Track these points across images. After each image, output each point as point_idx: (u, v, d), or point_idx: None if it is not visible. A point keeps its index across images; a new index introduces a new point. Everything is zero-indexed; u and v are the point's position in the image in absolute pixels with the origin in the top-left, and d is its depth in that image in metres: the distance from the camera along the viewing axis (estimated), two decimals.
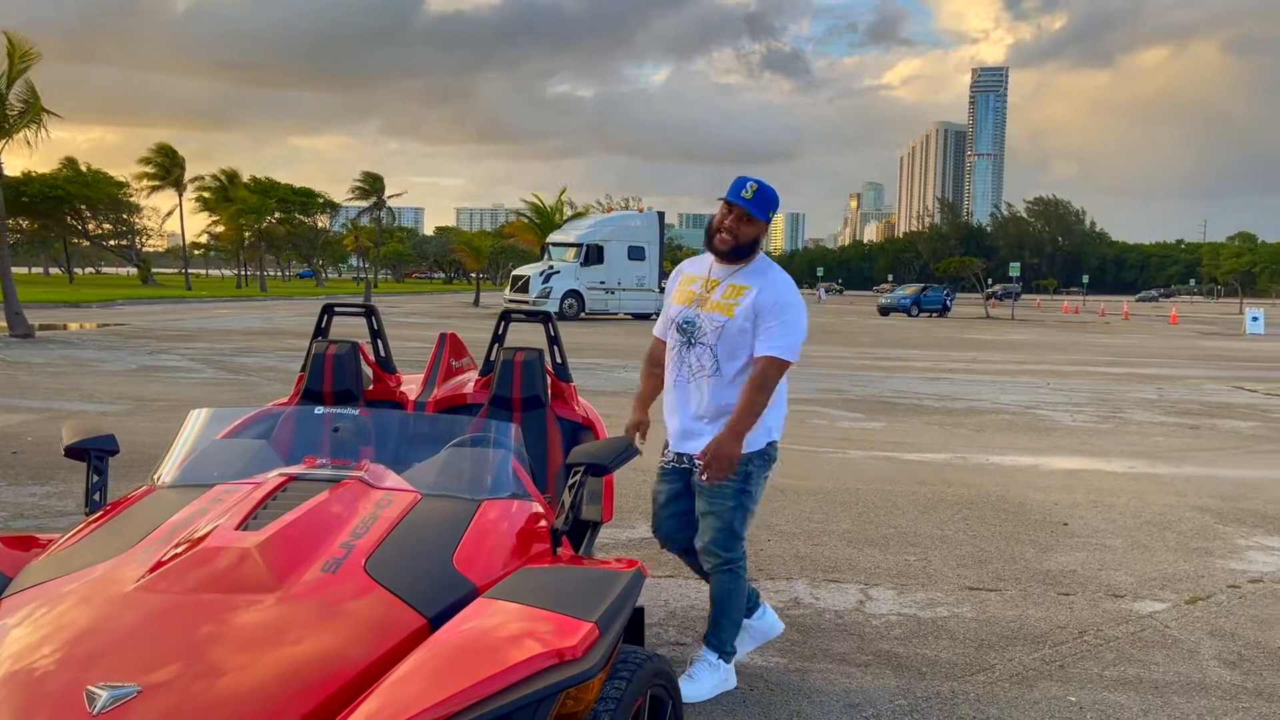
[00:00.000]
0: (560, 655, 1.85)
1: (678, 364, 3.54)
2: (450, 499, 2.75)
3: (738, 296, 3.43)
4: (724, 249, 3.44)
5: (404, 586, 2.25)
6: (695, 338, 3.47)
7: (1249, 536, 6.11)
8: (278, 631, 2.02)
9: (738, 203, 3.40)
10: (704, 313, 3.45)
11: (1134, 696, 3.65)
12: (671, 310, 3.58)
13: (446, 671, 1.84)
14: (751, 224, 3.42)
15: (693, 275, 3.58)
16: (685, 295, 3.55)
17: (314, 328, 4.31)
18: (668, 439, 3.64)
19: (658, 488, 3.68)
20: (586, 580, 2.25)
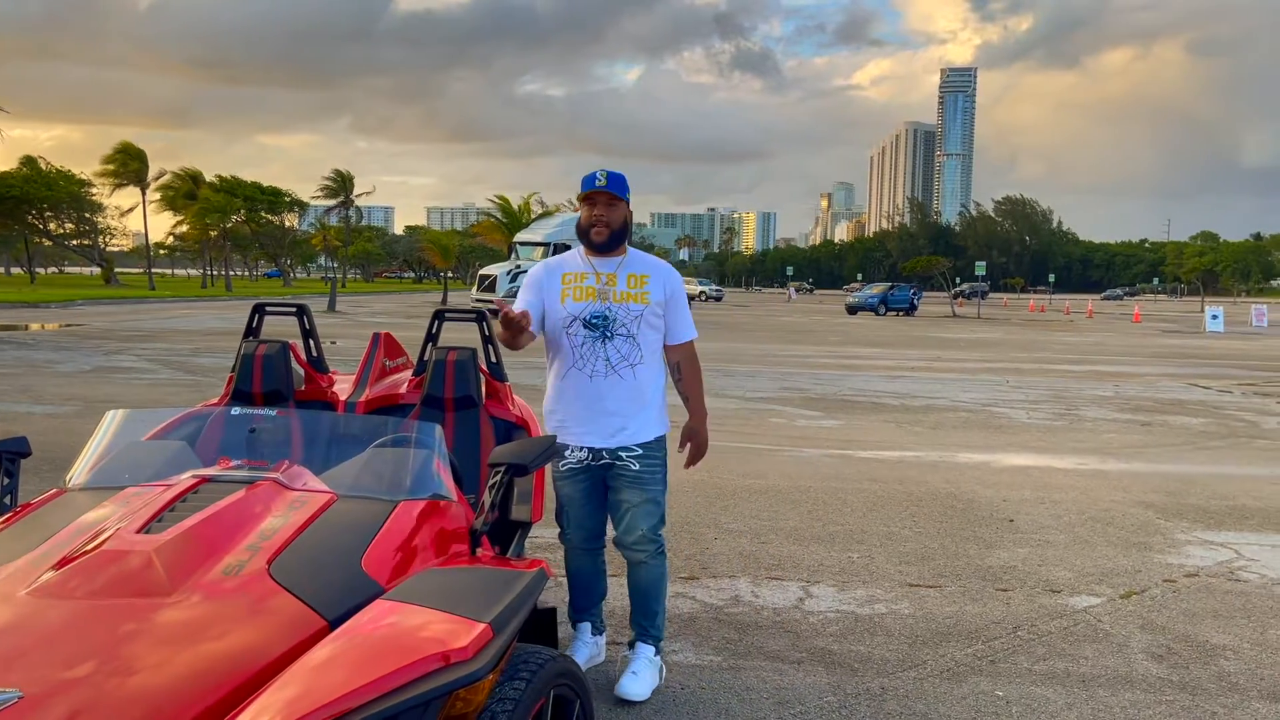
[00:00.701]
0: (445, 658, 1.84)
1: (590, 359, 3.52)
2: (366, 500, 2.73)
3: (642, 286, 3.56)
4: (603, 239, 3.51)
5: (307, 589, 2.22)
6: (613, 330, 3.51)
7: (1189, 531, 6.19)
8: (169, 637, 1.99)
9: (598, 190, 3.47)
10: (616, 305, 3.51)
11: (1060, 690, 3.69)
12: (568, 309, 3.51)
13: (328, 675, 1.82)
14: (617, 206, 3.51)
15: (579, 273, 3.56)
16: (584, 292, 3.53)
17: (245, 327, 4.27)
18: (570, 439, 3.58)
19: (569, 490, 3.63)
20: (486, 581, 2.24)
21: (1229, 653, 4.11)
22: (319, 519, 2.56)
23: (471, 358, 3.95)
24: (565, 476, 3.62)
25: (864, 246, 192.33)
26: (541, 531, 5.69)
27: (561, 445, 3.55)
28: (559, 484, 3.66)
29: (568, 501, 3.66)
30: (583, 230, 3.56)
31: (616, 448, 3.55)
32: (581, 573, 3.77)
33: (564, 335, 3.53)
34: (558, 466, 3.61)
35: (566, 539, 3.73)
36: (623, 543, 3.63)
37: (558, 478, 3.64)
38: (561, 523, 3.72)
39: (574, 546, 3.72)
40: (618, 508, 3.60)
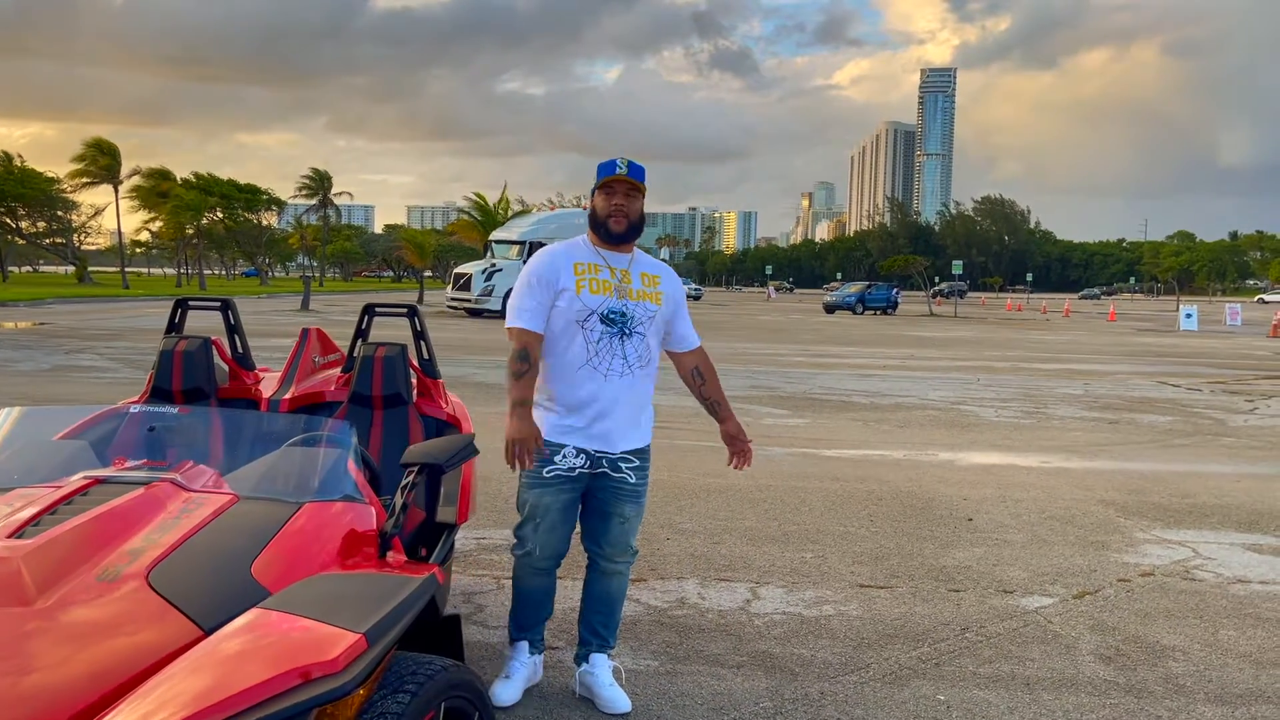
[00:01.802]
0: (306, 675, 1.71)
1: (607, 357, 3.26)
2: (268, 502, 2.60)
3: (656, 285, 3.39)
4: (622, 230, 3.30)
5: (186, 597, 2.10)
6: (630, 328, 3.29)
7: (1148, 530, 6.13)
8: (23, 648, 1.86)
9: (621, 177, 3.27)
10: (632, 302, 3.29)
11: (1003, 694, 3.60)
12: (585, 301, 3.24)
13: (181, 690, 1.70)
14: (636, 197, 3.32)
15: (592, 264, 3.30)
16: (599, 285, 3.29)
17: (167, 323, 4.13)
18: (570, 440, 3.27)
19: (550, 501, 3.29)
20: (371, 588, 2.12)
21: (1178, 654, 4.03)
22: (213, 522, 2.43)
23: (401, 354, 3.82)
24: (549, 485, 3.28)
25: (844, 246, 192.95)
26: (488, 532, 5.58)
27: (550, 448, 3.24)
28: (536, 493, 3.29)
29: (543, 514, 3.31)
30: (599, 220, 3.31)
31: (619, 456, 3.32)
32: (535, 591, 3.46)
33: (578, 330, 3.24)
34: (540, 473, 3.26)
35: (528, 555, 3.38)
36: (604, 555, 3.42)
37: (536, 485, 3.28)
38: (525, 536, 3.36)
39: (535, 565, 3.39)
40: (608, 521, 3.37)
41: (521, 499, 3.34)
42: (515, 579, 3.48)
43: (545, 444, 3.23)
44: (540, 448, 3.15)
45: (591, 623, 3.51)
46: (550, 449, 3.26)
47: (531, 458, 3.12)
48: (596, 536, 3.43)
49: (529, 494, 3.31)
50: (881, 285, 50.70)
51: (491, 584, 4.73)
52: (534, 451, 3.12)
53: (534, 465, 3.20)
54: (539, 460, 3.24)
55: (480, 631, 4.09)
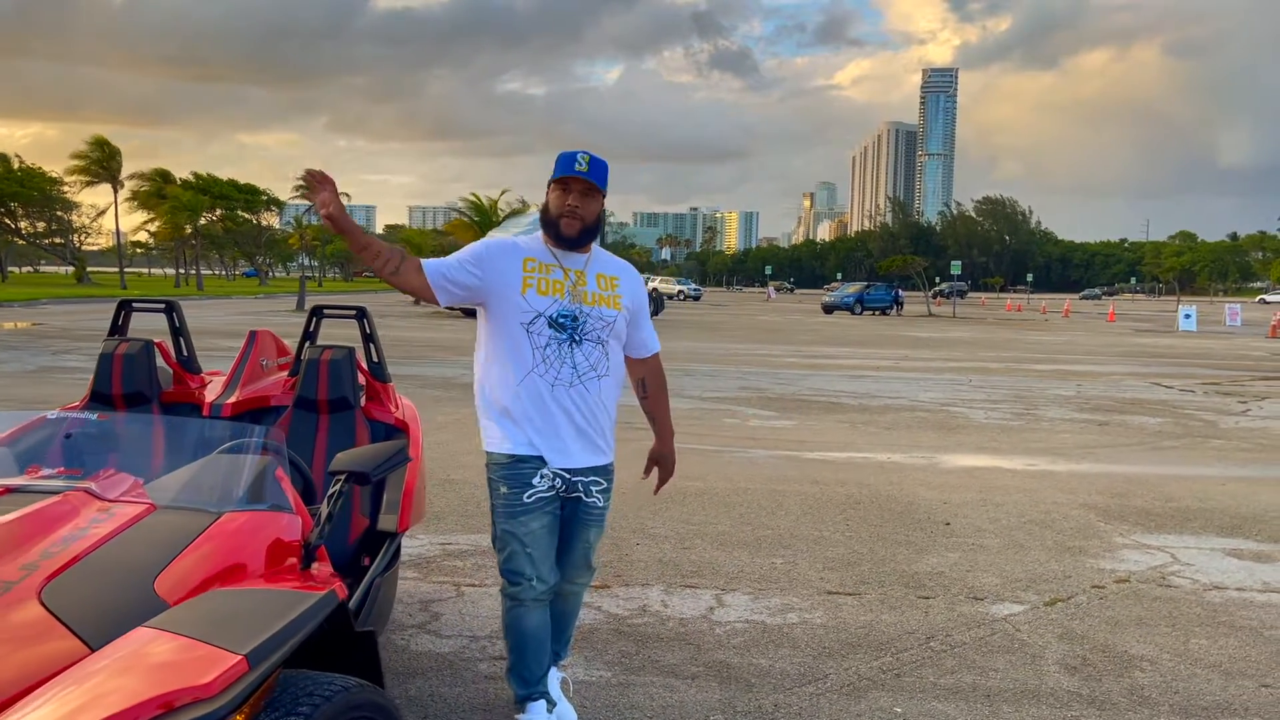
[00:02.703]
0: (173, 701, 1.63)
1: (555, 364, 3.00)
2: (186, 512, 2.51)
3: (614, 289, 3.13)
4: (574, 234, 3.04)
5: (77, 614, 2.01)
6: (582, 334, 3.03)
7: (1128, 534, 6.04)
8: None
9: (578, 176, 3.01)
10: (587, 306, 3.04)
11: (962, 706, 3.50)
12: (530, 301, 2.99)
13: (43, 715, 1.61)
14: (594, 197, 3.05)
15: (545, 263, 3.06)
16: (551, 285, 3.04)
17: (110, 325, 4.05)
18: (536, 453, 3.02)
19: (536, 525, 3.01)
20: (266, 604, 2.03)
21: (1146, 664, 3.94)
22: (122, 533, 2.34)
23: (348, 357, 3.73)
24: (533, 510, 3.00)
25: (845, 246, 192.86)
26: (454, 537, 5.49)
27: (526, 468, 3.00)
28: (523, 519, 2.99)
29: (532, 540, 3.00)
30: (550, 218, 3.06)
31: (589, 478, 3.10)
32: (538, 631, 3.08)
33: (523, 333, 3.00)
34: (520, 499, 2.99)
35: (524, 589, 3.02)
36: (567, 579, 3.19)
37: (521, 512, 2.99)
38: (517, 569, 3.01)
39: (538, 595, 3.05)
40: (573, 547, 3.14)
41: (504, 532, 3.03)
42: (513, 622, 3.07)
43: (520, 463, 3.01)
44: (336, 201, 2.78)
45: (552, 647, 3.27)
46: (526, 468, 3.01)
47: (326, 187, 2.77)
48: (560, 561, 3.15)
49: (512, 524, 3.01)
50: (880, 285, 50.60)
51: (451, 591, 4.64)
52: (325, 186, 2.77)
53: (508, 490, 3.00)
54: (516, 485, 3.01)
55: (433, 641, 4.00)
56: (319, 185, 2.77)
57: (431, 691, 3.51)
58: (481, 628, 4.16)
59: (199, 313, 32.33)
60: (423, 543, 5.43)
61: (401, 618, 4.24)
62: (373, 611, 3.14)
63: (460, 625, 4.19)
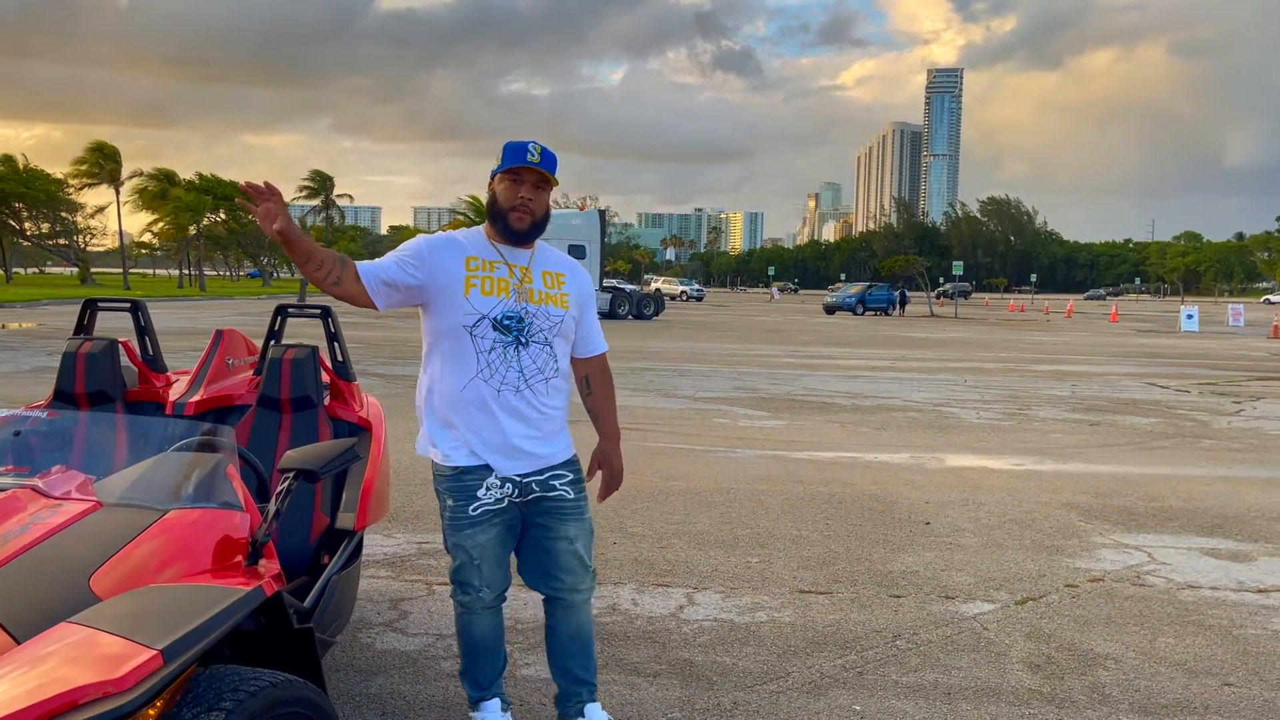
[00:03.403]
0: (76, 699, 1.64)
1: (500, 369, 2.89)
2: (131, 509, 2.52)
3: (560, 286, 3.01)
4: (525, 228, 2.92)
5: (7, 609, 2.03)
6: (528, 336, 2.91)
7: (1107, 534, 6.03)
8: None
9: (530, 167, 2.87)
10: (533, 306, 2.92)
11: (922, 704, 3.51)
12: (474, 303, 2.87)
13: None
14: (545, 189, 2.93)
15: (489, 260, 2.93)
16: (496, 285, 2.90)
17: (75, 324, 4.08)
18: (482, 461, 2.91)
19: (485, 538, 2.92)
20: (187, 600, 2.04)
21: (1110, 662, 3.94)
22: (63, 531, 2.36)
23: (310, 356, 3.75)
24: (482, 522, 2.92)
25: (850, 246, 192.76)
26: (431, 536, 5.50)
27: (470, 479, 2.91)
28: (469, 533, 2.92)
29: (480, 553, 2.94)
30: (499, 210, 2.92)
31: (547, 474, 2.97)
32: (487, 638, 3.06)
33: (466, 336, 2.88)
34: (466, 512, 2.91)
35: (473, 599, 3.00)
36: (560, 586, 3.02)
37: (467, 525, 2.92)
38: (467, 580, 2.97)
39: (483, 607, 3.02)
40: (553, 547, 2.99)
41: (451, 543, 2.98)
42: (464, 629, 3.05)
43: (464, 474, 2.91)
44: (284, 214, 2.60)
45: (569, 669, 3.09)
46: (471, 480, 2.91)
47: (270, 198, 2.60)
48: (548, 569, 3.02)
49: (459, 536, 2.94)
50: (881, 286, 50.55)
51: (422, 590, 4.65)
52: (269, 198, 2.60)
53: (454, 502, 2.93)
54: (462, 498, 2.93)
55: (399, 639, 4.01)
56: (261, 197, 2.61)
57: (392, 689, 3.52)
58: (448, 626, 4.14)
59: (198, 313, 32.43)
60: (399, 541, 5.45)
61: (370, 615, 4.26)
62: (328, 609, 3.15)
63: (428, 624, 4.20)
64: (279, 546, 3.41)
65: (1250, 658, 4.02)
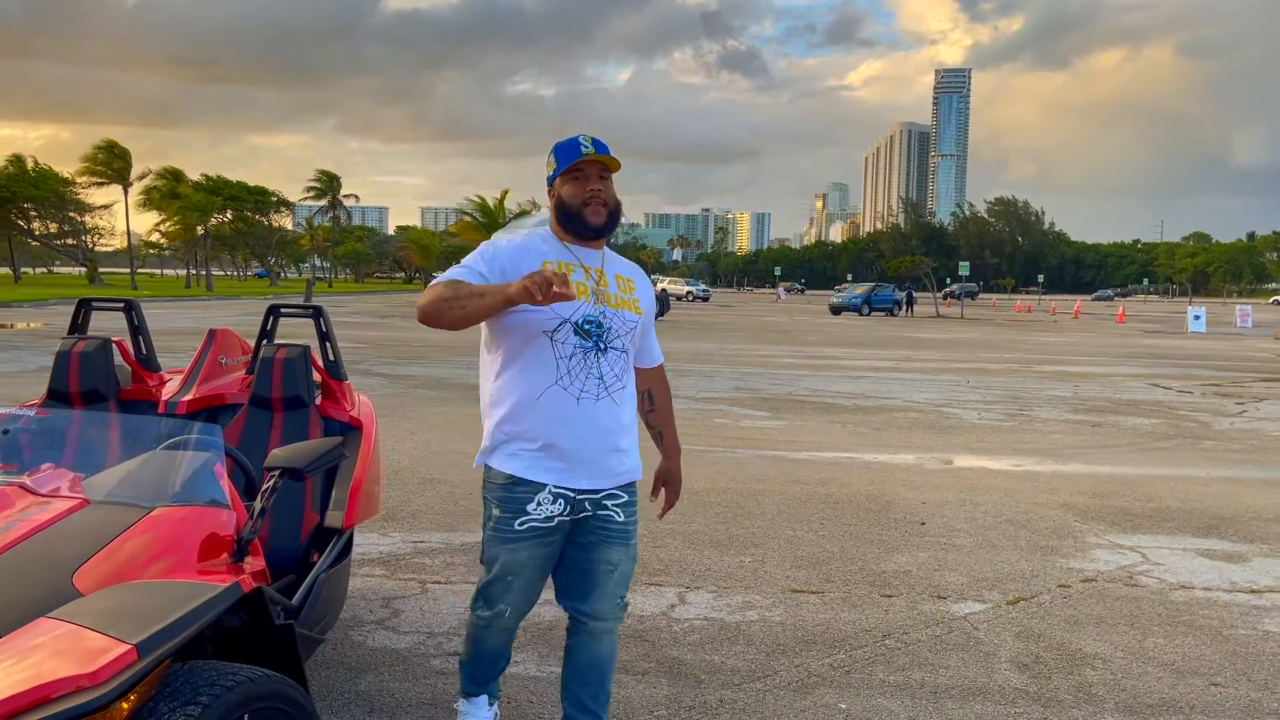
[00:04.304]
0: (48, 693, 1.66)
1: (580, 375, 2.73)
2: (117, 507, 2.56)
3: (632, 290, 2.87)
4: (603, 220, 2.77)
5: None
6: (607, 341, 2.77)
7: (1102, 535, 6.04)
8: None
9: (600, 154, 2.74)
10: (611, 310, 2.78)
11: (907, 703, 3.52)
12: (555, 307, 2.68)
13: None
14: (609, 178, 2.80)
15: (565, 263, 2.78)
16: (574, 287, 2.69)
17: (70, 324, 4.12)
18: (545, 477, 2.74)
19: (526, 557, 2.76)
20: (165, 596, 2.07)
21: (1098, 662, 3.95)
22: (49, 528, 2.39)
23: (302, 355, 3.78)
24: (524, 539, 2.75)
25: (857, 247, 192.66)
26: (427, 535, 5.53)
27: (522, 492, 2.74)
28: (510, 547, 2.75)
29: (518, 572, 2.78)
30: (572, 211, 2.77)
31: (602, 494, 2.81)
32: (498, 647, 2.95)
33: (546, 341, 2.72)
34: (511, 526, 2.74)
35: (493, 617, 2.84)
36: (592, 614, 2.86)
37: (510, 539, 2.75)
38: (494, 595, 2.82)
39: (504, 625, 2.87)
40: (594, 571, 2.83)
41: (490, 554, 2.81)
42: (475, 637, 2.93)
43: (517, 485, 2.74)
44: (559, 283, 2.44)
45: (579, 697, 2.93)
46: (522, 493, 2.74)
47: (563, 282, 2.43)
48: (581, 593, 2.86)
49: (498, 549, 2.77)
50: (886, 286, 50.50)
51: (416, 588, 4.68)
52: (554, 280, 2.43)
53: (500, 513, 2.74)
54: (509, 510, 2.75)
55: (390, 637, 4.04)
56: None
57: (381, 686, 3.55)
58: (440, 624, 4.20)
59: (205, 313, 32.56)
60: (395, 540, 5.47)
61: (362, 613, 4.28)
62: (316, 607, 3.18)
63: (419, 622, 4.23)
64: (269, 544, 3.45)
65: (1239, 658, 4.03)
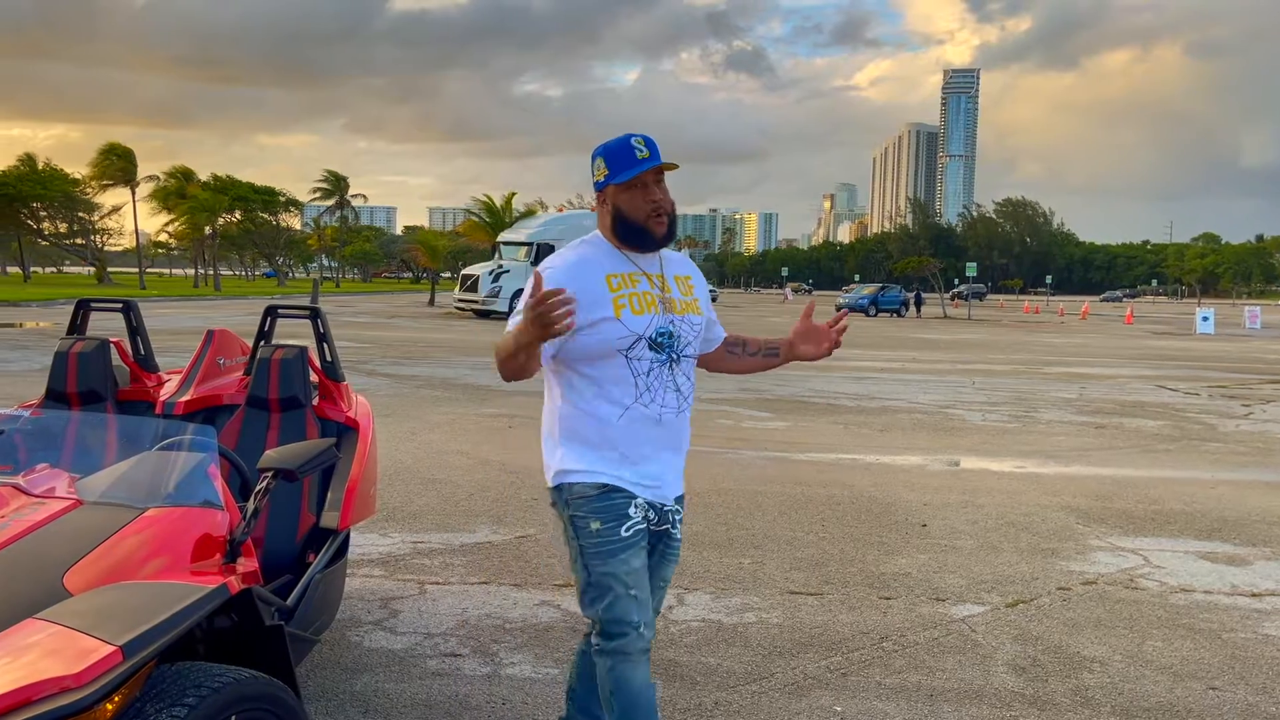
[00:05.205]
0: (31, 695, 1.67)
1: (659, 391, 2.62)
2: (110, 508, 2.56)
3: (692, 290, 2.78)
4: (665, 230, 2.64)
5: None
6: (680, 351, 2.66)
7: (1104, 537, 6.02)
8: None
9: (659, 164, 2.60)
10: (677, 317, 2.67)
11: (903, 705, 3.52)
12: (627, 324, 2.57)
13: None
14: (664, 183, 2.67)
15: (628, 274, 2.64)
16: (642, 301, 2.61)
17: (68, 324, 4.13)
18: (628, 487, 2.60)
19: (638, 561, 2.59)
20: (153, 597, 2.08)
21: (1096, 665, 3.94)
22: (42, 528, 2.40)
23: (299, 356, 3.79)
24: (636, 544, 2.58)
25: (864, 247, 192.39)
26: (427, 535, 5.53)
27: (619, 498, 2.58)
28: (623, 558, 2.56)
29: (635, 581, 2.56)
30: (635, 224, 2.61)
31: (671, 507, 2.71)
32: (648, 689, 2.62)
33: (622, 360, 2.58)
34: (619, 533, 2.55)
35: (631, 640, 2.57)
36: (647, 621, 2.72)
37: (620, 549, 2.55)
38: (621, 617, 2.55)
39: (641, 649, 2.59)
40: (652, 587, 2.72)
41: (598, 575, 2.56)
42: (621, 682, 2.57)
43: (613, 493, 2.58)
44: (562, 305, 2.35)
45: (590, 707, 2.86)
46: (620, 499, 2.58)
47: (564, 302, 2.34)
48: None
49: (610, 564, 2.55)
50: (893, 287, 50.44)
51: (414, 589, 4.68)
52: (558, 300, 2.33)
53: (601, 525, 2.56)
54: (611, 519, 2.57)
55: (387, 637, 4.04)
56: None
57: (376, 687, 3.55)
58: (438, 625, 4.20)
59: (212, 312, 32.63)
60: (395, 541, 5.48)
61: (360, 614, 4.29)
62: (311, 608, 3.18)
63: (417, 622, 4.23)
64: (265, 545, 3.47)
65: (1238, 661, 4.01)
